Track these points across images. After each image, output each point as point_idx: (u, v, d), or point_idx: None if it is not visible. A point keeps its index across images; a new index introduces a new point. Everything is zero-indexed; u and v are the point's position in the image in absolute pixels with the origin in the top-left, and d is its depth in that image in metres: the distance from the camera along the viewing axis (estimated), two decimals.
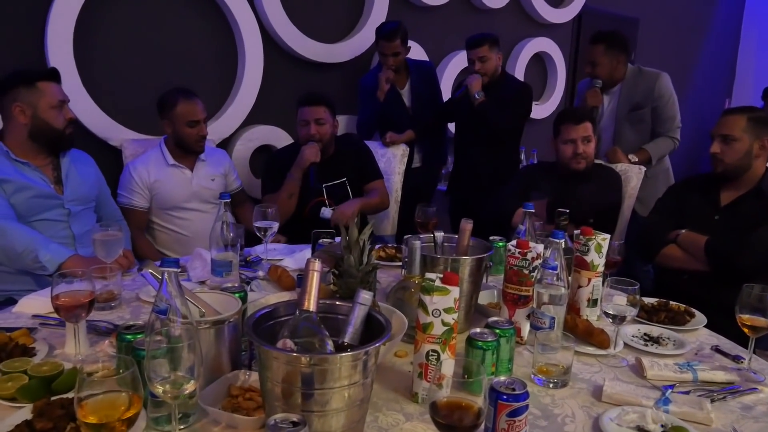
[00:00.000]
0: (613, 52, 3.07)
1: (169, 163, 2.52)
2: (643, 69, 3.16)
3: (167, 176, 2.51)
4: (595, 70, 3.11)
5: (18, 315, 1.52)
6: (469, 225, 1.57)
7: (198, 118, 2.49)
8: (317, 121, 2.60)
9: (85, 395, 0.86)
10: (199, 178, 2.57)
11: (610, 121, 3.20)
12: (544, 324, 1.38)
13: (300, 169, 2.58)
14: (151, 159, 2.53)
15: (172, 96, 2.50)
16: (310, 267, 1.00)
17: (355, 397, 0.93)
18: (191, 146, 2.52)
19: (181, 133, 2.49)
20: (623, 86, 3.14)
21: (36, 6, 2.56)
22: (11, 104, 1.99)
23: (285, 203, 2.55)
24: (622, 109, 3.14)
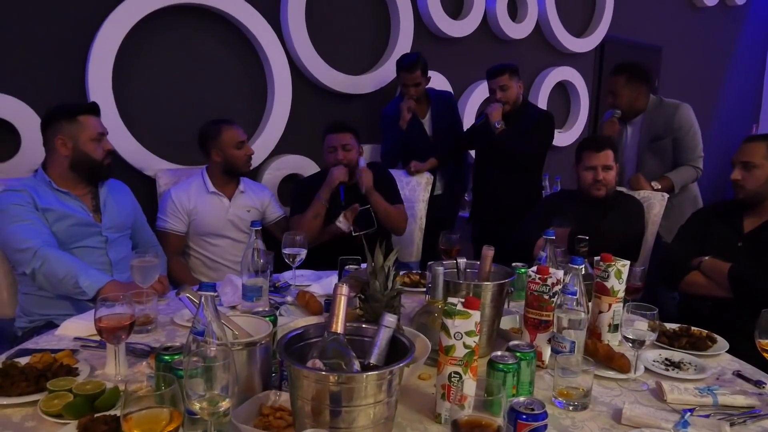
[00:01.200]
0: (633, 84, 3.12)
1: (209, 190, 2.63)
2: (664, 100, 3.19)
3: (206, 203, 2.62)
4: (616, 101, 3.16)
5: (61, 337, 1.60)
6: (491, 251, 1.62)
7: (243, 139, 2.65)
8: (344, 147, 2.71)
9: (131, 411, 0.92)
10: (236, 207, 2.67)
11: (632, 152, 3.22)
12: (565, 348, 1.41)
13: (329, 188, 2.66)
14: (192, 186, 2.65)
15: (214, 126, 2.64)
16: (338, 291, 1.06)
17: (380, 415, 0.98)
18: (241, 167, 2.66)
19: (231, 156, 2.62)
20: (645, 117, 3.17)
21: (78, 44, 2.72)
22: (54, 137, 2.09)
23: (310, 223, 2.63)
24: (644, 140, 3.17)
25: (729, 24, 6.20)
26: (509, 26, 4.19)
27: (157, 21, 2.88)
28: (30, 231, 1.96)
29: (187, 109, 3.05)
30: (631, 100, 3.14)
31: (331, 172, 2.68)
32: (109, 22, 2.73)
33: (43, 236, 1.98)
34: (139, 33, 2.84)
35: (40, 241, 1.95)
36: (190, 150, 2.96)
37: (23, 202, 2.00)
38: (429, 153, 3.30)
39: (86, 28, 2.72)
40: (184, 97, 3.05)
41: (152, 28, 2.89)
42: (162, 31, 2.94)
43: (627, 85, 3.12)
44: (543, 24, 4.44)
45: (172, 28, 2.97)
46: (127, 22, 2.78)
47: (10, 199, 2.00)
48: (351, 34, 3.59)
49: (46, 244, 1.96)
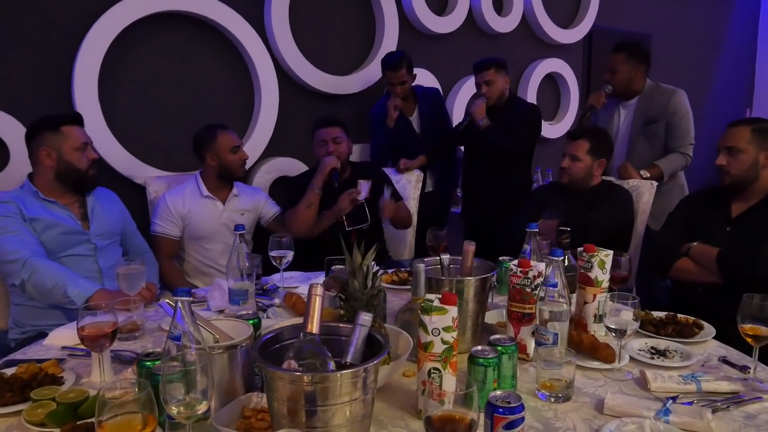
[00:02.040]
0: (633, 61, 3.13)
1: (203, 194, 2.65)
2: (660, 85, 3.20)
3: (200, 207, 2.63)
4: (613, 78, 3.17)
5: (48, 347, 1.61)
6: (472, 246, 1.62)
7: (238, 144, 2.68)
8: (334, 140, 2.74)
9: (105, 417, 0.93)
10: (230, 211, 2.69)
11: (625, 136, 3.23)
12: (548, 340, 1.42)
13: (321, 176, 2.69)
14: (186, 191, 2.66)
15: (209, 131, 2.65)
16: (313, 292, 1.07)
17: (356, 413, 0.99)
18: (236, 171, 2.67)
19: (226, 160, 2.63)
20: (640, 100, 3.18)
21: (63, 56, 2.72)
22: (38, 148, 2.11)
23: (304, 213, 2.66)
24: (637, 123, 3.17)
25: (719, 8, 6.18)
26: (495, 20, 4.19)
27: (140, 29, 2.89)
28: (18, 242, 1.97)
29: (175, 116, 3.06)
30: (629, 78, 3.14)
31: (322, 161, 2.71)
32: (93, 33, 2.73)
33: (32, 247, 1.99)
34: (124, 42, 2.85)
35: (29, 252, 1.96)
36: (179, 157, 2.97)
37: (10, 213, 2.01)
38: (418, 150, 3.30)
39: (70, 40, 2.72)
40: (171, 104, 3.06)
41: (136, 37, 2.89)
42: (146, 40, 2.94)
43: (626, 62, 3.13)
44: (529, 16, 4.44)
45: (156, 36, 2.97)
46: (111, 32, 2.78)
47: None
48: (336, 34, 3.59)
49: (35, 255, 1.97)
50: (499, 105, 3.21)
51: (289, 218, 2.72)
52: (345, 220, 2.74)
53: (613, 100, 3.26)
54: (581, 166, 2.57)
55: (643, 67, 3.16)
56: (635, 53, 3.13)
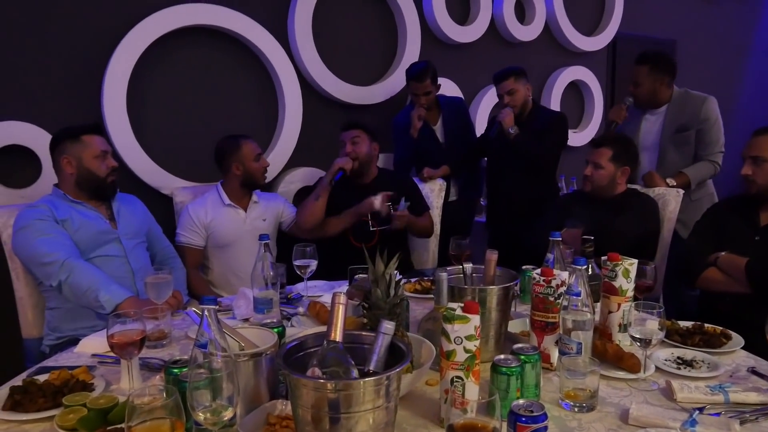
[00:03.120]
0: (656, 74, 3.08)
1: (225, 203, 2.71)
2: (691, 92, 3.15)
3: (222, 216, 2.69)
4: (637, 90, 3.13)
5: (79, 354, 1.65)
6: (494, 255, 1.62)
7: (260, 152, 2.76)
8: (352, 140, 2.82)
9: (134, 423, 0.95)
10: (251, 218, 2.74)
11: (654, 143, 3.17)
12: (572, 350, 1.41)
13: (330, 173, 2.77)
14: (208, 200, 2.72)
15: (233, 140, 2.73)
16: (336, 300, 1.08)
17: (379, 420, 1.00)
18: (259, 179, 2.75)
19: (250, 169, 2.70)
20: (669, 108, 3.12)
21: (93, 70, 2.81)
22: (60, 157, 2.19)
23: (312, 204, 2.74)
24: (668, 131, 3.11)
25: (746, 14, 6.08)
26: (517, 29, 4.19)
27: (167, 43, 2.96)
28: (54, 244, 2.03)
29: (201, 128, 3.12)
30: (653, 90, 3.10)
31: (335, 161, 2.79)
32: (122, 47, 2.81)
33: (67, 248, 2.05)
34: (151, 56, 2.92)
35: (65, 253, 2.01)
36: (205, 168, 3.02)
37: (44, 217, 2.07)
38: (441, 160, 3.31)
39: (100, 54, 2.80)
40: (197, 116, 3.12)
41: (163, 50, 2.97)
42: (173, 53, 3.02)
43: (649, 76, 3.08)
44: (552, 24, 4.43)
45: (182, 50, 3.04)
46: (140, 46, 2.86)
47: (32, 215, 2.07)
48: (358, 45, 3.62)
49: (71, 256, 2.02)
50: (524, 114, 3.20)
51: (300, 210, 2.80)
52: (370, 219, 2.79)
53: (638, 109, 3.22)
54: (604, 173, 2.55)
55: (667, 79, 3.11)
56: (658, 65, 3.09)
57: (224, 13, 3.06)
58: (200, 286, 2.64)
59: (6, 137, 2.62)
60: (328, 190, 2.75)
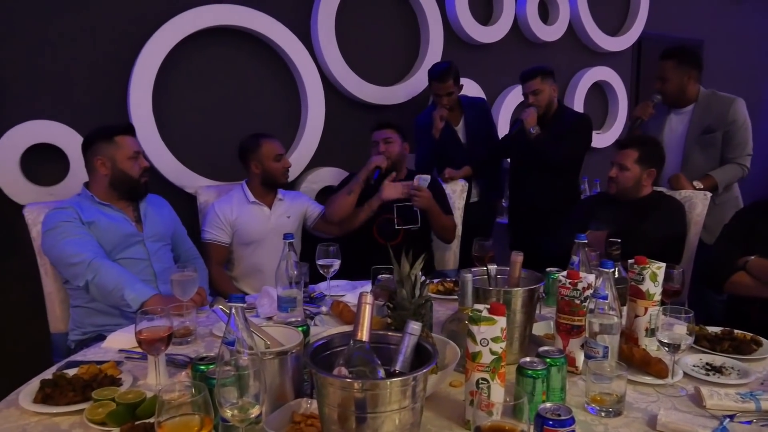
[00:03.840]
0: (683, 68, 3.02)
1: (250, 200, 2.73)
2: (718, 93, 3.08)
3: (248, 213, 2.71)
4: (664, 86, 3.07)
5: (106, 350, 1.68)
6: (520, 257, 1.61)
7: (281, 152, 2.76)
8: (385, 141, 2.84)
9: (164, 418, 0.96)
10: (276, 215, 2.77)
11: (679, 144, 3.10)
12: (598, 353, 1.40)
13: (366, 170, 2.78)
14: (233, 198, 2.75)
15: (254, 139, 2.75)
16: (363, 300, 1.08)
17: (405, 421, 0.99)
18: (278, 179, 2.76)
19: (270, 168, 2.72)
20: (696, 108, 3.06)
21: (119, 70, 2.85)
22: (93, 158, 2.20)
23: (343, 198, 2.76)
24: (693, 132, 3.04)
25: None
26: (541, 29, 4.16)
27: (192, 44, 2.99)
28: (81, 245, 2.06)
29: (225, 127, 3.15)
30: (681, 85, 3.03)
31: (370, 158, 2.81)
32: (148, 48, 2.84)
33: (93, 249, 2.08)
34: (176, 56, 2.95)
35: (91, 254, 2.04)
36: (228, 166, 3.05)
37: (70, 218, 2.10)
38: (463, 160, 3.30)
39: (127, 55, 2.84)
40: (221, 116, 3.15)
41: (188, 51, 3.00)
42: (197, 54, 3.04)
43: (676, 69, 3.02)
44: (576, 24, 4.39)
45: (206, 50, 3.07)
46: (165, 47, 2.89)
47: (58, 216, 2.10)
48: (381, 45, 3.63)
49: (98, 256, 2.05)
50: (549, 114, 3.18)
51: (329, 202, 2.82)
52: (396, 217, 2.79)
53: (664, 108, 3.17)
54: (629, 175, 2.52)
55: (695, 73, 3.05)
56: (685, 59, 3.03)
57: (248, 13, 3.09)
58: (224, 283, 2.66)
59: (35, 136, 2.67)
60: (362, 187, 2.77)
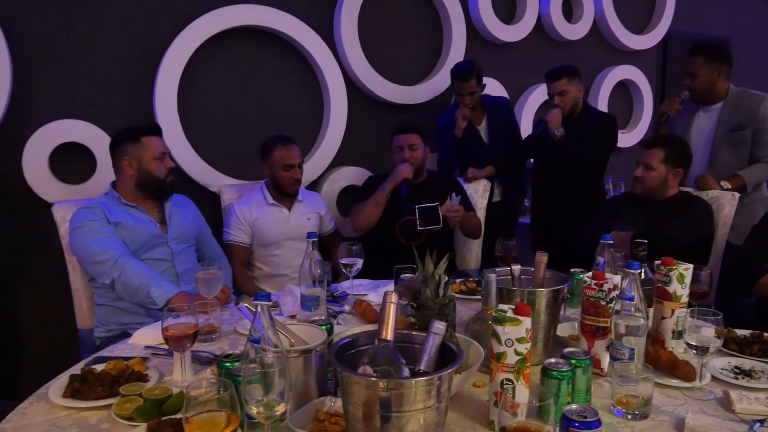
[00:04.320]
0: (713, 64, 2.96)
1: (268, 202, 2.75)
2: (748, 90, 3.02)
3: (267, 215, 2.73)
4: (693, 82, 3.01)
5: (133, 346, 1.70)
6: (544, 257, 1.60)
7: (292, 163, 2.71)
8: (410, 147, 2.83)
9: (191, 414, 0.97)
10: (295, 216, 2.78)
11: (707, 143, 3.04)
12: (624, 355, 1.38)
13: (393, 182, 2.77)
14: (253, 200, 2.77)
15: (272, 142, 2.75)
16: (388, 299, 1.08)
17: (430, 421, 0.99)
18: (285, 188, 2.74)
19: (277, 176, 2.72)
20: (725, 105, 3.00)
21: (145, 70, 2.89)
22: (121, 158, 2.23)
23: (371, 210, 2.76)
24: (722, 130, 2.98)
25: None
26: (565, 27, 4.12)
27: (216, 44, 3.02)
28: (107, 243, 2.09)
29: (248, 126, 3.17)
30: (710, 81, 2.97)
31: (397, 168, 2.80)
32: (173, 49, 2.88)
33: (119, 247, 2.11)
34: (201, 56, 2.98)
35: (117, 252, 2.07)
36: (252, 166, 3.07)
37: (97, 218, 2.14)
38: (485, 160, 3.28)
39: (152, 55, 2.88)
40: (244, 115, 3.18)
41: (212, 51, 3.03)
42: (221, 54, 3.07)
43: (706, 65, 2.96)
44: (600, 23, 4.34)
45: (230, 50, 3.10)
46: (189, 48, 2.92)
47: (85, 216, 2.14)
48: (404, 44, 3.62)
49: (123, 254, 2.09)
50: (574, 115, 3.15)
51: (356, 212, 2.83)
52: (418, 219, 2.79)
53: (692, 105, 3.12)
54: (655, 175, 2.48)
55: (725, 70, 2.99)
56: (715, 55, 2.97)
57: (271, 13, 3.10)
58: (247, 282, 2.68)
59: (63, 135, 2.72)
60: (388, 198, 2.77)
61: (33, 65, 2.68)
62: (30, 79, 2.68)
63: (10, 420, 1.27)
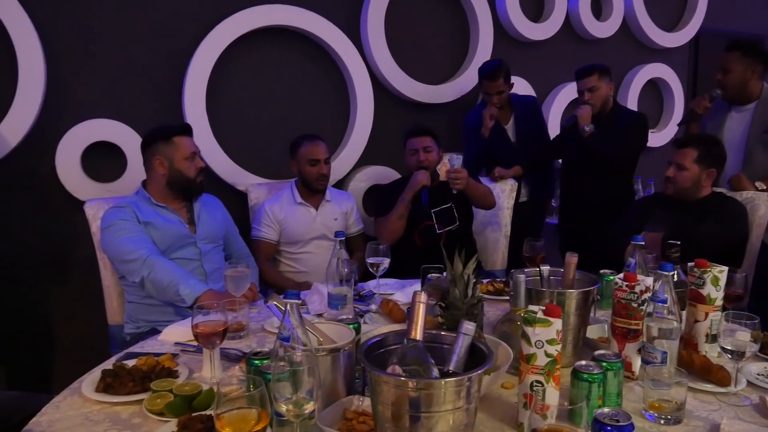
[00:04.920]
0: (748, 60, 2.90)
1: (296, 201, 2.78)
2: None
3: (294, 213, 2.76)
4: (726, 78, 2.95)
5: (163, 342, 1.72)
6: (574, 258, 1.58)
7: (318, 158, 2.74)
8: (425, 149, 2.80)
9: (223, 410, 0.98)
10: (322, 216, 2.80)
11: (741, 143, 2.97)
12: (656, 359, 1.36)
13: (412, 191, 2.75)
14: (282, 198, 2.80)
15: (298, 139, 2.80)
16: (417, 299, 1.08)
17: (459, 422, 0.99)
18: (312, 183, 2.77)
19: (304, 171, 2.75)
20: (759, 105, 2.93)
21: (175, 70, 2.93)
22: (152, 157, 2.26)
23: (395, 224, 2.74)
24: (756, 130, 2.91)
25: None
26: (593, 25, 4.06)
27: (244, 44, 3.05)
28: (137, 242, 2.12)
29: (275, 126, 3.20)
30: (743, 79, 2.91)
31: (414, 176, 2.78)
32: (202, 49, 2.92)
33: (149, 246, 2.14)
34: (229, 56, 3.02)
35: (147, 251, 2.10)
36: (278, 165, 3.10)
37: (128, 217, 2.17)
38: (513, 159, 3.26)
39: (182, 56, 2.93)
40: (271, 115, 3.20)
41: (240, 51, 3.06)
42: (249, 53, 3.10)
43: (741, 61, 2.90)
44: (630, 20, 4.27)
45: (258, 50, 3.13)
46: (218, 48, 2.96)
47: (116, 215, 2.17)
48: (430, 43, 3.61)
49: (153, 253, 2.11)
50: (604, 113, 3.11)
51: (380, 227, 2.81)
52: (435, 222, 2.78)
53: (723, 105, 3.05)
54: (688, 175, 2.43)
55: (759, 69, 2.92)
56: (752, 52, 2.90)
57: (299, 13, 3.12)
58: (274, 276, 2.72)
59: (95, 134, 2.78)
60: (408, 208, 2.76)
61: (66, 67, 2.74)
62: (63, 80, 2.74)
63: (45, 413, 1.29)
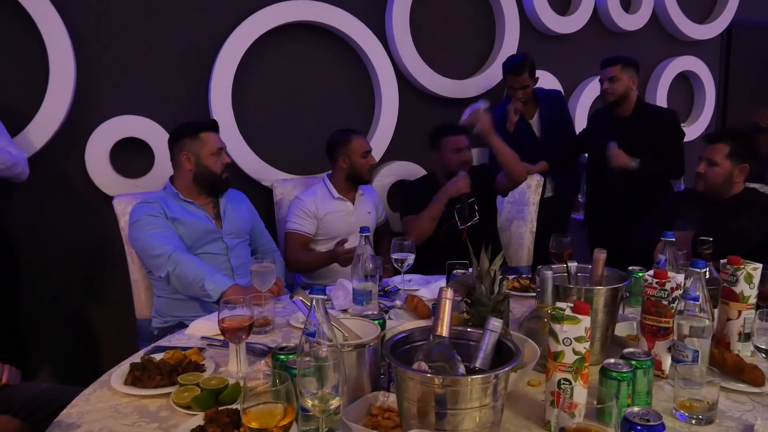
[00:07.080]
0: None
1: (334, 196, 2.76)
2: None
3: (334, 208, 2.74)
4: None
5: (190, 336, 1.74)
6: (603, 254, 1.55)
7: (369, 149, 2.77)
8: (466, 149, 2.82)
9: (249, 405, 0.99)
10: (359, 210, 2.79)
11: None
12: (687, 357, 1.33)
13: (447, 195, 2.73)
14: (317, 193, 2.78)
15: (345, 134, 2.77)
16: (443, 295, 1.07)
17: (485, 419, 0.98)
18: (364, 175, 2.77)
19: (357, 164, 2.73)
20: None
21: (201, 67, 2.95)
22: (179, 153, 2.29)
23: (427, 224, 2.73)
24: None
25: None
26: (622, 18, 3.98)
27: (269, 40, 3.06)
28: (164, 238, 2.15)
29: (300, 121, 3.21)
30: None
31: (455, 182, 2.75)
32: (228, 45, 2.93)
33: (175, 242, 2.16)
34: (254, 52, 3.03)
35: (173, 247, 2.13)
36: (304, 160, 3.11)
37: (156, 213, 2.20)
38: (537, 154, 3.22)
39: (208, 53, 2.95)
40: (296, 110, 3.21)
41: (265, 47, 3.07)
42: (274, 49, 3.11)
43: None
44: (660, 12, 4.18)
45: (283, 46, 3.13)
46: (244, 44, 2.97)
47: (145, 210, 2.20)
48: (456, 37, 3.59)
49: (178, 249, 2.14)
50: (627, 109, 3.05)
51: (410, 225, 2.79)
52: (458, 219, 2.77)
53: None
54: (719, 171, 2.38)
55: None
56: None
57: (323, 8, 3.12)
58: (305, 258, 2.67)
59: (123, 130, 2.82)
60: (442, 210, 2.75)
61: (95, 64, 2.78)
62: (92, 78, 2.78)
63: (76, 405, 1.32)
